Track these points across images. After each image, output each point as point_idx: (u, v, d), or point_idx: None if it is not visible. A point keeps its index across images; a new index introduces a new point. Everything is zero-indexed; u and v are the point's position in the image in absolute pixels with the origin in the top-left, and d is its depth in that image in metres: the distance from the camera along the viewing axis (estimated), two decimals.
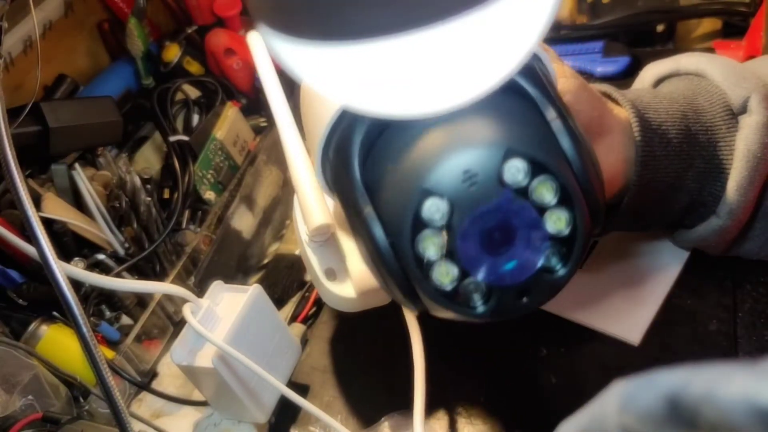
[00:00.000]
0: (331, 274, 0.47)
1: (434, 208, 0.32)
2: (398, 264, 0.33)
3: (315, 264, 0.47)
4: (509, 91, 0.33)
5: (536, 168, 0.32)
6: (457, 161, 0.31)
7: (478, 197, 0.31)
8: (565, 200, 0.33)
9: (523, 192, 0.32)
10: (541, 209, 0.33)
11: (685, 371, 0.16)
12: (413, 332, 0.45)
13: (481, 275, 0.33)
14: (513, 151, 0.31)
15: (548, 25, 0.27)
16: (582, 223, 0.33)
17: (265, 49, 0.53)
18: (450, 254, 0.32)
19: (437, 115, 0.32)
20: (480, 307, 0.33)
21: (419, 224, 0.32)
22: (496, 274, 0.33)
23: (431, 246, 0.32)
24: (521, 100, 0.34)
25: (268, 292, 0.50)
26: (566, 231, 0.33)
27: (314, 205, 0.45)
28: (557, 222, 0.33)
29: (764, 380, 0.14)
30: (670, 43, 0.71)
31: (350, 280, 0.46)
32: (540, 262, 0.33)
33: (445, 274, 0.33)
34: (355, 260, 0.45)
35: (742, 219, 0.43)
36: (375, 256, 0.34)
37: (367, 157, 0.35)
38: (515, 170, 0.32)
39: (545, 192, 0.32)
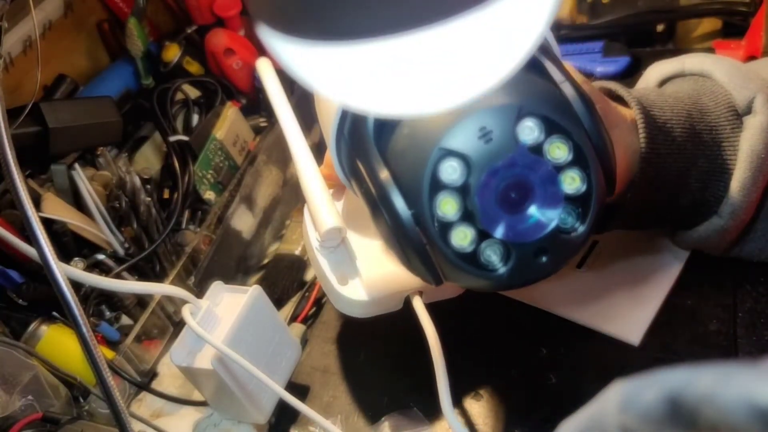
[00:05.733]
0: (343, 280, 0.46)
1: (451, 168, 0.33)
2: (417, 229, 0.34)
3: (327, 270, 0.47)
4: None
5: (550, 127, 0.33)
6: (472, 119, 0.32)
7: (494, 152, 0.32)
8: (579, 160, 0.33)
9: (537, 151, 0.33)
10: (556, 169, 0.33)
11: (686, 371, 0.16)
12: (425, 321, 0.45)
13: (499, 232, 0.33)
14: (526, 110, 0.33)
15: (548, 25, 0.27)
16: (597, 181, 0.34)
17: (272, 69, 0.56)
18: (468, 216, 0.33)
19: (438, 113, 0.32)
20: (500, 269, 0.34)
21: (437, 186, 0.33)
22: (513, 231, 0.34)
23: (450, 207, 0.33)
24: (532, 69, 0.35)
25: (268, 293, 0.50)
26: (581, 189, 0.34)
27: (324, 209, 0.45)
28: (572, 181, 0.34)
29: (764, 380, 0.14)
30: (670, 43, 0.71)
31: (362, 282, 0.45)
32: (557, 218, 0.34)
33: (463, 236, 0.34)
34: (367, 263, 0.46)
35: (744, 219, 0.43)
36: (395, 224, 0.34)
37: (381, 131, 0.36)
38: (529, 129, 0.33)
39: (559, 150, 0.33)
